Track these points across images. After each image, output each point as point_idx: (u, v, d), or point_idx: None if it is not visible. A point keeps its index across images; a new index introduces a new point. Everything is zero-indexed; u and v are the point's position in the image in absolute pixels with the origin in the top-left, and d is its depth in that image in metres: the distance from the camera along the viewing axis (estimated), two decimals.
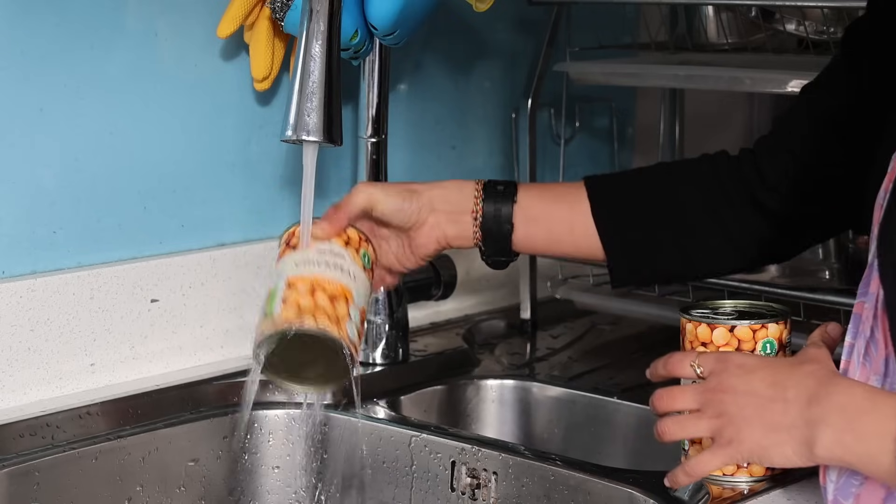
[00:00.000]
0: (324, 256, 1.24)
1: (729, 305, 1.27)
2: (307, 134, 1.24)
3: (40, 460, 1.31)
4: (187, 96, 1.53)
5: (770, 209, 1.31)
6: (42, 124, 1.41)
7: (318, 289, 1.22)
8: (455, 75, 1.81)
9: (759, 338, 1.22)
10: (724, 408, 1.13)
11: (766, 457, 1.12)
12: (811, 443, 1.07)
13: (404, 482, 1.42)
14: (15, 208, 1.40)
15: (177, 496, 1.41)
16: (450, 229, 1.33)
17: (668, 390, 1.18)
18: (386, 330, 1.57)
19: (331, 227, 1.26)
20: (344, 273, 1.24)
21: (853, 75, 1.26)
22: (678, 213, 1.33)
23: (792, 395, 1.09)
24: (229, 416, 1.46)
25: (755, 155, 1.33)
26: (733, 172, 1.33)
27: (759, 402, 1.11)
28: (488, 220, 1.33)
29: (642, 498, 1.24)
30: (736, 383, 1.13)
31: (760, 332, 1.22)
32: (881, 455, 1.03)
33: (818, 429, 1.07)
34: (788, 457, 1.10)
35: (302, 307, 1.20)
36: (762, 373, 1.12)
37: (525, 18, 1.86)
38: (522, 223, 1.33)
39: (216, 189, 1.57)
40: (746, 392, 1.12)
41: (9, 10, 1.38)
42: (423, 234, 1.33)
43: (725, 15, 1.69)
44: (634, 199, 1.35)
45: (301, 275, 1.23)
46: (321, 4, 1.25)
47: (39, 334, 1.41)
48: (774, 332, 1.22)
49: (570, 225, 1.34)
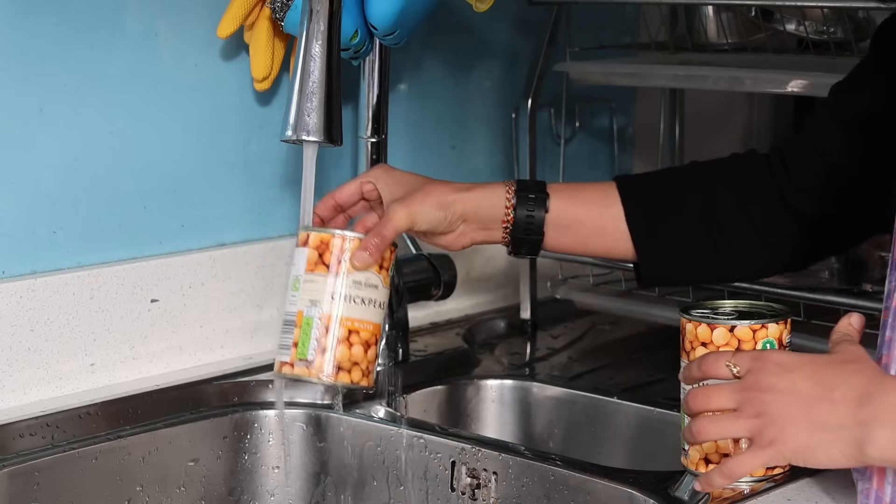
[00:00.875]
0: (360, 291, 1.23)
1: (729, 305, 1.27)
2: (307, 134, 1.24)
3: (40, 460, 1.31)
4: (187, 96, 1.53)
5: (800, 210, 1.30)
6: (42, 124, 1.41)
7: (354, 335, 1.22)
8: (455, 75, 1.81)
9: (758, 338, 1.21)
10: (765, 407, 1.09)
11: (812, 457, 1.08)
12: (863, 443, 1.05)
13: (404, 482, 1.42)
14: (15, 208, 1.40)
15: (177, 496, 1.42)
16: (479, 235, 1.33)
17: (703, 389, 1.13)
18: (386, 330, 1.57)
19: (372, 258, 1.23)
20: (377, 309, 1.24)
21: (881, 76, 1.25)
22: (712, 213, 1.32)
23: (839, 394, 1.06)
24: (229, 416, 1.46)
25: (784, 155, 1.32)
26: (764, 173, 1.33)
27: (804, 401, 1.07)
28: (519, 229, 1.32)
29: (642, 498, 1.24)
30: (776, 382, 1.09)
31: (760, 332, 1.21)
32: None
33: (872, 429, 1.04)
34: (835, 458, 1.07)
35: (339, 360, 1.21)
36: (804, 371, 1.09)
37: (525, 18, 1.86)
38: (553, 230, 1.32)
39: (216, 189, 1.57)
40: (788, 391, 1.08)
41: (9, 10, 1.38)
42: (451, 238, 1.32)
43: (725, 15, 1.69)
44: (667, 199, 1.34)
45: (339, 316, 1.22)
46: (321, 4, 1.25)
47: (39, 334, 1.41)
48: (774, 332, 1.22)
49: (602, 228, 1.33)
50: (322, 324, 1.21)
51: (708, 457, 1.23)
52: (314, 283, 1.23)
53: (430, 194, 1.30)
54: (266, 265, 1.60)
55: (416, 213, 1.28)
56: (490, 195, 1.32)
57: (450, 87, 1.81)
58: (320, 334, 1.21)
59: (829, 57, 1.56)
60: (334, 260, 1.23)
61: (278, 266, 1.61)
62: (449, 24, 1.77)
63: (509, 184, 1.33)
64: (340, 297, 1.22)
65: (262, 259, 1.60)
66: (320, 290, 1.22)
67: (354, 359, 1.22)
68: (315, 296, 1.22)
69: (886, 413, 1.04)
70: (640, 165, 2.09)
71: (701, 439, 1.13)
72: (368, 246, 1.23)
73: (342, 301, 1.22)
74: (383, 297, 1.24)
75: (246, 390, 1.50)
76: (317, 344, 1.21)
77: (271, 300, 1.60)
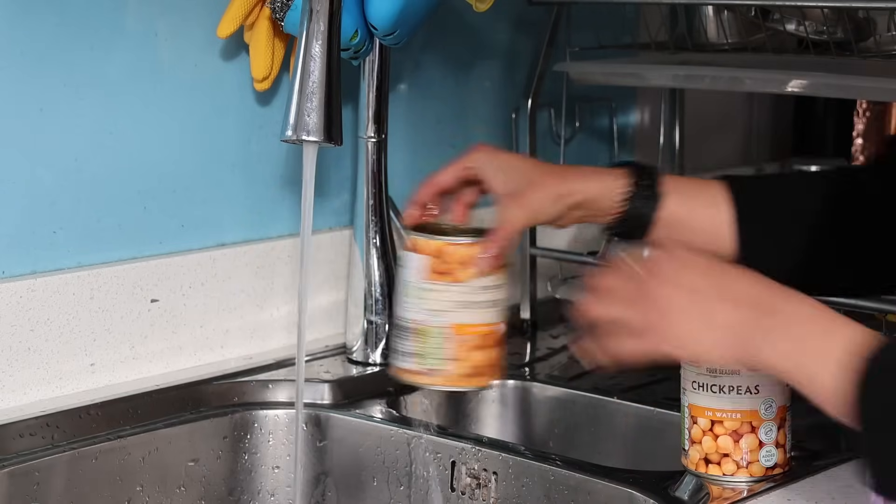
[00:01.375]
0: (484, 295, 1.22)
1: None
2: (307, 134, 1.24)
3: (40, 460, 1.31)
4: (187, 96, 1.53)
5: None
6: (42, 124, 1.41)
7: (482, 338, 1.22)
8: (455, 75, 1.81)
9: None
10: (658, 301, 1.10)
11: (696, 352, 1.10)
12: (757, 349, 1.06)
13: (404, 482, 1.42)
14: (15, 208, 1.40)
15: (177, 496, 1.42)
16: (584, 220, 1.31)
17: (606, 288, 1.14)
18: (386, 330, 1.57)
19: (497, 261, 1.23)
20: (502, 309, 1.24)
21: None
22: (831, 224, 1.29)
23: (734, 294, 1.08)
24: (229, 416, 1.46)
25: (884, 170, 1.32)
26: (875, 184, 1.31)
27: (695, 298, 1.09)
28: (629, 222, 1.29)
29: (642, 498, 1.24)
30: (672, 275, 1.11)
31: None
32: (823, 374, 1.03)
33: (768, 337, 1.05)
34: (723, 356, 1.08)
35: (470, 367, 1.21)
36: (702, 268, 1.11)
37: (525, 18, 1.86)
38: (660, 227, 1.30)
39: (216, 189, 1.57)
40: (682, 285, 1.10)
41: (9, 10, 1.38)
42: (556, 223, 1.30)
43: (725, 15, 1.69)
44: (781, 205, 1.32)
45: (468, 323, 1.22)
46: (321, 4, 1.25)
47: (39, 334, 1.41)
48: None
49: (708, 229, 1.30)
50: (448, 333, 1.20)
51: (708, 457, 1.23)
52: (434, 291, 1.22)
53: (544, 187, 1.27)
54: (266, 265, 1.60)
55: (533, 212, 1.27)
56: (607, 188, 1.29)
57: (450, 86, 1.81)
58: (448, 344, 1.20)
59: (829, 57, 1.56)
60: (453, 268, 1.22)
61: (278, 266, 1.61)
62: (449, 24, 1.77)
63: (622, 174, 1.29)
64: (464, 305, 1.22)
65: (262, 259, 1.60)
66: (441, 299, 1.22)
67: (485, 361, 1.22)
68: (436, 305, 1.22)
69: (785, 325, 1.05)
70: None
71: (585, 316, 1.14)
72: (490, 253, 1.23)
73: (466, 308, 1.21)
74: (505, 293, 1.24)
75: (246, 390, 1.50)
76: (444, 353, 1.21)
77: (271, 300, 1.60)
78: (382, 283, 1.56)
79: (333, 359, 1.59)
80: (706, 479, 1.23)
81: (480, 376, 1.23)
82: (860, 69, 1.53)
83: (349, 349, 1.59)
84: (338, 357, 1.60)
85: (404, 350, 1.24)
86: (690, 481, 1.24)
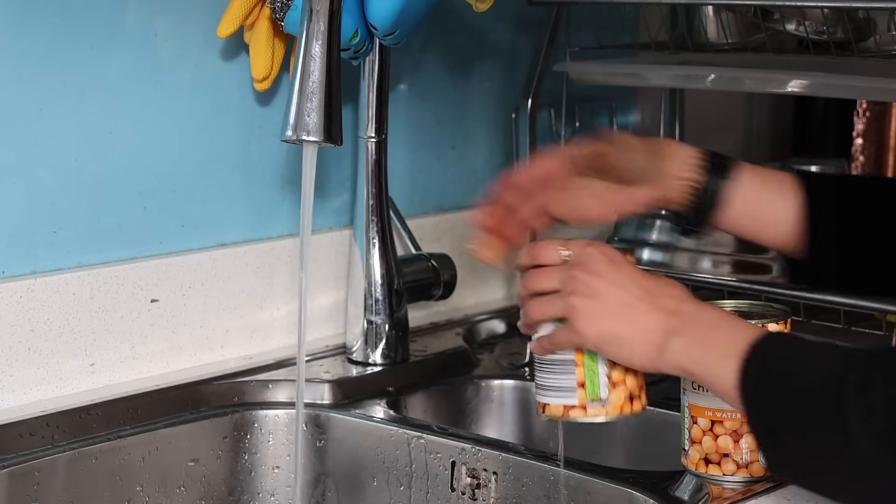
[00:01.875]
0: None
1: (729, 305, 1.26)
2: (307, 134, 1.24)
3: (40, 460, 1.31)
4: (187, 96, 1.53)
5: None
6: (42, 124, 1.41)
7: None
8: (455, 75, 1.81)
9: None
10: (586, 290, 1.15)
11: (615, 349, 1.15)
12: (663, 348, 1.12)
13: (404, 482, 1.42)
14: (15, 208, 1.40)
15: (177, 496, 1.42)
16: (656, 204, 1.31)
17: (536, 271, 1.19)
18: (386, 330, 1.57)
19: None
20: None
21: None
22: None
23: (659, 301, 1.13)
24: (229, 416, 1.46)
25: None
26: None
27: (624, 296, 1.14)
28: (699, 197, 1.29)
29: (642, 498, 1.24)
30: (603, 269, 1.15)
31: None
32: (725, 370, 1.08)
33: (672, 337, 1.12)
34: (636, 357, 1.14)
35: (631, 389, 1.19)
36: (630, 271, 1.16)
37: (525, 18, 1.86)
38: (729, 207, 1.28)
39: (216, 189, 1.57)
40: (613, 282, 1.14)
41: (8, 10, 1.38)
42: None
43: (725, 15, 1.69)
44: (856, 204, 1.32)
45: None
46: (321, 4, 1.25)
47: (39, 334, 1.41)
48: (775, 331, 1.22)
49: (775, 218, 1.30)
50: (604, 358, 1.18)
51: (708, 457, 1.23)
52: None
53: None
54: (266, 265, 1.60)
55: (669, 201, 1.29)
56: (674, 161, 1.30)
57: (450, 87, 1.81)
58: (609, 369, 1.18)
59: (829, 57, 1.56)
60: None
61: (278, 266, 1.61)
62: (449, 24, 1.77)
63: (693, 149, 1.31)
64: None
65: (262, 259, 1.60)
66: None
67: (638, 384, 1.20)
68: None
69: (688, 325, 1.11)
70: None
71: (528, 321, 1.20)
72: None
73: None
74: None
75: (246, 390, 1.50)
76: (607, 380, 1.18)
77: (271, 300, 1.61)
78: (382, 283, 1.56)
79: (333, 359, 1.59)
80: (706, 479, 1.23)
81: (637, 399, 1.20)
82: (860, 69, 1.52)
83: (349, 349, 1.59)
84: (338, 357, 1.60)
85: (560, 385, 1.19)
86: (690, 481, 1.24)
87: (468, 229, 1.29)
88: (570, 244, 1.19)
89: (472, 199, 1.83)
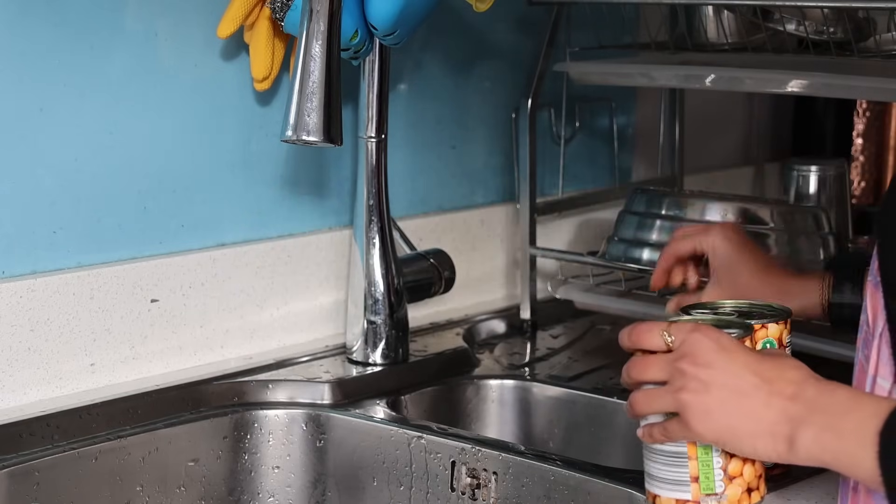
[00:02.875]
0: None
1: (729, 305, 1.26)
2: (307, 134, 1.24)
3: (40, 460, 1.31)
4: (187, 96, 1.53)
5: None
6: (42, 124, 1.41)
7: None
8: (455, 75, 1.81)
9: (758, 338, 1.21)
10: (697, 384, 1.06)
11: (736, 444, 1.07)
12: (792, 440, 1.04)
13: (404, 482, 1.42)
14: (15, 208, 1.40)
15: (177, 496, 1.42)
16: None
17: (639, 359, 1.11)
18: (386, 330, 1.57)
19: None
20: None
21: None
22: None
23: (776, 387, 1.05)
24: (229, 416, 1.46)
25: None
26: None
27: (738, 386, 1.06)
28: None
29: (642, 498, 1.24)
30: (713, 359, 1.07)
31: (760, 332, 1.21)
32: (863, 455, 1.00)
33: (800, 427, 1.03)
34: (763, 450, 1.06)
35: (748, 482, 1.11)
36: (743, 355, 1.07)
37: (525, 18, 1.86)
38: None
39: (216, 189, 1.57)
40: (724, 371, 1.06)
41: (8, 10, 1.38)
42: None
43: (725, 15, 1.69)
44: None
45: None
46: (321, 4, 1.25)
47: (39, 334, 1.41)
48: (774, 332, 1.22)
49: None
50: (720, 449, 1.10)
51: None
52: None
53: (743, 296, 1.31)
54: (266, 265, 1.60)
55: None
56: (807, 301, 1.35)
57: (450, 87, 1.81)
58: (725, 461, 1.10)
59: (829, 57, 1.56)
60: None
61: (278, 266, 1.61)
62: (449, 25, 1.77)
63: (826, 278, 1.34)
64: None
65: (262, 259, 1.60)
66: None
67: (755, 473, 1.11)
68: None
69: (815, 412, 1.03)
70: (640, 165, 2.09)
71: (634, 413, 1.12)
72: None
73: None
74: None
75: (246, 390, 1.50)
76: (723, 473, 1.10)
77: (271, 300, 1.61)
78: (382, 283, 1.56)
79: (333, 359, 1.59)
80: None
81: (756, 491, 1.12)
82: (860, 69, 1.53)
83: (349, 349, 1.59)
84: (338, 357, 1.60)
85: (672, 478, 1.11)
86: None
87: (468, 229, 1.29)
88: (673, 328, 1.10)
89: (472, 199, 1.85)
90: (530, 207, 1.79)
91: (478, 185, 1.86)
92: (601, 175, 2.01)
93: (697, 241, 1.46)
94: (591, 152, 2.00)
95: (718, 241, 1.43)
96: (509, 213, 1.87)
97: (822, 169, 1.86)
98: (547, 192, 1.90)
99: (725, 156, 2.25)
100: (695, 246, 1.46)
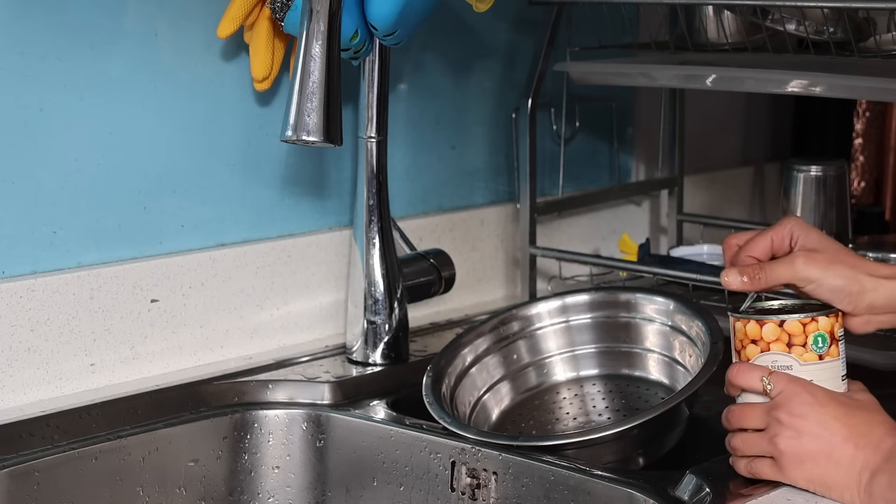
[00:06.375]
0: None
1: (777, 303, 1.26)
2: (307, 134, 1.24)
3: (40, 460, 1.31)
4: (187, 96, 1.53)
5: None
6: (42, 124, 1.41)
7: None
8: (455, 75, 1.81)
9: (809, 331, 1.21)
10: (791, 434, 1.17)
11: (826, 492, 1.17)
12: (869, 489, 1.13)
13: (404, 482, 1.42)
14: (15, 208, 1.40)
15: (177, 496, 1.42)
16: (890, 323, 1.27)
17: (740, 407, 1.22)
18: (386, 330, 1.57)
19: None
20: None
21: None
22: None
23: (864, 441, 1.15)
24: (229, 416, 1.46)
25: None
26: None
27: (829, 439, 1.16)
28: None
29: (642, 498, 1.24)
30: (807, 412, 1.17)
31: (811, 326, 1.21)
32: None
33: (876, 476, 1.13)
34: (850, 500, 1.15)
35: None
36: (835, 410, 1.17)
37: (525, 18, 1.86)
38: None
39: (216, 189, 1.57)
40: (819, 424, 1.16)
41: (9, 10, 1.38)
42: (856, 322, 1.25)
43: (725, 15, 1.69)
44: None
45: None
46: (321, 4, 1.25)
47: (39, 334, 1.41)
48: (825, 326, 1.21)
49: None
50: None
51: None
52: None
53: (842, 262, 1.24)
54: (266, 265, 1.60)
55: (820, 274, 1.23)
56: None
57: (450, 87, 1.81)
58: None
59: (829, 57, 1.56)
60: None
61: (278, 266, 1.61)
62: (449, 24, 1.77)
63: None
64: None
65: (262, 259, 1.60)
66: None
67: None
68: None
69: (889, 459, 1.13)
70: (640, 165, 2.09)
71: (734, 454, 1.23)
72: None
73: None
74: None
75: (246, 390, 1.50)
76: None
77: (271, 300, 1.61)
78: (382, 283, 1.56)
79: (333, 359, 1.59)
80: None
81: None
82: (860, 69, 1.53)
83: (349, 349, 1.59)
84: (338, 357, 1.60)
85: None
86: (690, 481, 1.24)
87: (468, 229, 1.29)
88: (773, 376, 1.20)
89: (472, 199, 1.85)
90: (530, 207, 1.79)
91: (478, 185, 1.86)
92: (601, 175, 2.01)
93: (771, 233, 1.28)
94: (591, 152, 2.00)
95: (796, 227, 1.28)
96: (509, 213, 1.87)
97: (822, 169, 1.86)
98: (547, 192, 1.90)
99: (725, 156, 2.25)
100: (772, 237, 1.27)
